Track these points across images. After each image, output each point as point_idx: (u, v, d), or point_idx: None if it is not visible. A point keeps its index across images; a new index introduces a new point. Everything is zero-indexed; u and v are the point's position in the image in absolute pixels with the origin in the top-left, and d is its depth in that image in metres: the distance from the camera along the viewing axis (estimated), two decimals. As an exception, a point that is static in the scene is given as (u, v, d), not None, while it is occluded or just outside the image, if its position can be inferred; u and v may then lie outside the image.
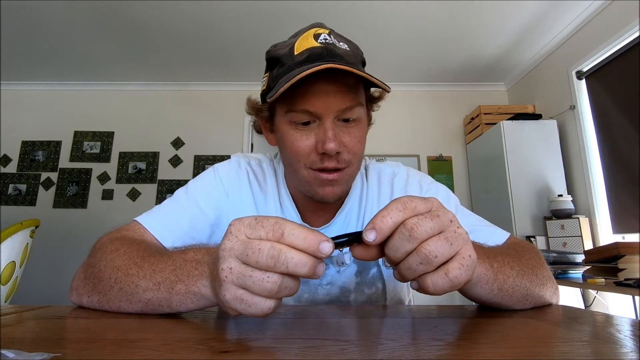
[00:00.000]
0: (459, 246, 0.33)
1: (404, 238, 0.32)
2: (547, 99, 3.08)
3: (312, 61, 0.52)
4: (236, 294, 0.31)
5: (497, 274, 0.44)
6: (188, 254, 0.42)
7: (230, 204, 0.66)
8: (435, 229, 0.32)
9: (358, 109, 0.56)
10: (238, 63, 3.31)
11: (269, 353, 0.29)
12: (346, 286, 0.65)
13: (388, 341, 0.33)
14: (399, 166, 0.73)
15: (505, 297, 0.46)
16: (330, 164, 0.55)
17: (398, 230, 0.33)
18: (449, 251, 0.33)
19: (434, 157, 3.60)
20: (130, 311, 0.44)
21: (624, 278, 1.57)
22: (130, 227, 0.58)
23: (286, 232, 0.30)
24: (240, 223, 0.33)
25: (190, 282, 0.39)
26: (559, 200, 2.57)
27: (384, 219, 0.32)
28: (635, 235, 2.19)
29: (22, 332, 0.35)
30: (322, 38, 0.54)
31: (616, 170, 2.40)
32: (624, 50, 2.31)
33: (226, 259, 0.32)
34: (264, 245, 0.30)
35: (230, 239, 0.32)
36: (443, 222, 0.33)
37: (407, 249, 0.32)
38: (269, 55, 0.59)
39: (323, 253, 0.30)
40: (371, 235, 0.32)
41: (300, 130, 0.55)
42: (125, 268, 0.44)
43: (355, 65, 0.54)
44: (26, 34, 2.87)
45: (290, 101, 0.54)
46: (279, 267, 0.30)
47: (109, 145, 3.63)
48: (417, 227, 0.32)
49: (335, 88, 0.52)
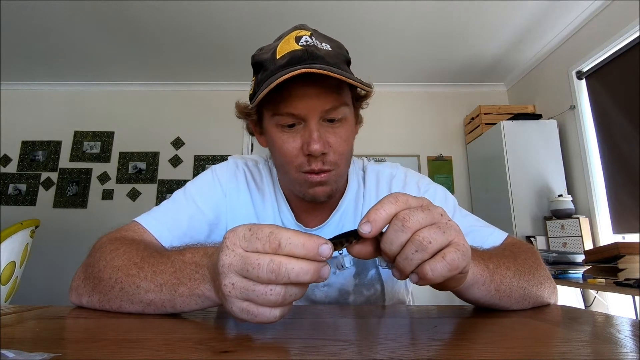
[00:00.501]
0: (452, 235, 0.34)
1: (398, 229, 0.33)
2: (547, 99, 3.08)
3: (292, 65, 0.52)
4: (241, 307, 0.31)
5: (493, 275, 0.44)
6: (186, 256, 0.41)
7: (228, 204, 0.67)
8: (427, 219, 0.33)
9: (343, 109, 0.56)
10: (238, 63, 3.31)
11: (268, 353, 0.29)
12: (345, 288, 0.65)
13: (388, 341, 0.33)
14: (397, 167, 0.73)
15: (503, 298, 0.46)
16: (316, 165, 0.56)
17: (392, 223, 0.33)
18: (442, 238, 0.33)
19: (434, 157, 3.59)
20: (131, 311, 0.44)
21: (624, 278, 1.57)
22: (130, 227, 0.59)
23: (283, 242, 0.30)
24: (235, 235, 0.32)
25: (193, 285, 0.39)
26: (559, 200, 2.57)
27: (377, 211, 0.33)
28: (635, 235, 2.19)
29: (22, 332, 0.35)
30: (304, 40, 0.55)
31: (616, 170, 2.40)
32: (624, 50, 2.31)
33: (227, 275, 0.32)
34: (263, 260, 0.30)
35: (227, 253, 0.32)
36: (434, 215, 0.34)
37: (402, 239, 0.33)
38: (254, 59, 0.60)
39: (323, 256, 0.30)
40: (366, 227, 0.33)
41: (287, 132, 0.56)
42: (125, 268, 0.45)
43: (337, 65, 0.55)
44: (26, 34, 2.87)
45: (274, 105, 0.55)
46: (281, 279, 0.30)
47: (109, 145, 3.63)
48: (410, 217, 0.33)
49: (317, 90, 0.53)
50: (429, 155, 3.60)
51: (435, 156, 3.60)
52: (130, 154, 3.60)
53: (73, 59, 3.27)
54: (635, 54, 2.22)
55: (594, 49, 2.51)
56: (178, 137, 3.65)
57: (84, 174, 3.55)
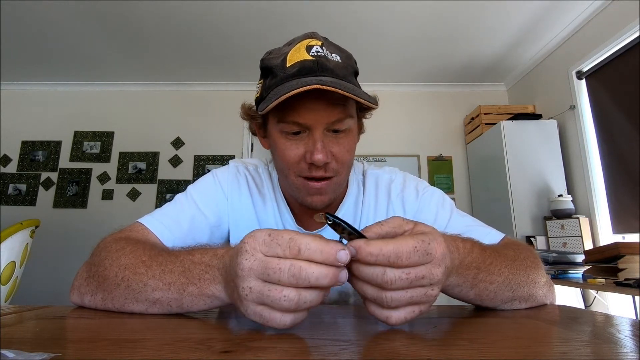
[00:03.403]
0: (419, 302, 0.35)
1: (375, 280, 0.34)
2: (547, 99, 3.08)
3: (302, 75, 0.53)
4: (255, 310, 0.33)
5: (478, 283, 0.44)
6: (195, 256, 0.42)
7: (230, 207, 0.68)
8: (411, 287, 0.34)
9: (347, 121, 0.57)
10: (238, 63, 3.31)
11: (269, 353, 0.29)
12: (345, 290, 0.65)
13: (388, 341, 0.33)
14: (396, 172, 0.75)
15: (486, 301, 0.47)
16: (317, 173, 0.57)
17: (375, 271, 0.34)
18: (405, 301, 0.34)
19: (434, 157, 3.59)
20: (134, 310, 0.44)
21: (624, 278, 1.57)
22: (133, 228, 0.59)
23: (302, 248, 0.32)
24: (255, 240, 0.33)
25: (203, 285, 0.40)
26: (559, 200, 2.57)
27: (369, 256, 0.33)
28: (635, 235, 2.19)
29: (22, 332, 0.35)
30: (314, 51, 0.56)
31: (616, 170, 2.40)
32: (624, 50, 2.31)
33: (245, 278, 0.33)
34: (284, 265, 0.31)
35: (247, 258, 0.33)
36: (422, 283, 0.34)
37: (374, 282, 0.34)
38: (263, 64, 0.60)
39: (342, 262, 0.32)
40: (343, 255, 0.32)
41: (291, 139, 0.57)
42: (132, 267, 0.45)
43: (345, 77, 0.56)
44: (26, 34, 2.87)
45: (281, 112, 0.55)
46: (302, 283, 0.31)
47: (109, 145, 3.63)
48: (393, 284, 0.33)
49: (325, 103, 0.54)
50: (429, 155, 3.60)
51: (435, 156, 3.60)
52: (130, 154, 3.60)
53: (73, 59, 3.27)
54: (635, 54, 2.22)
55: (594, 49, 2.51)
56: (178, 137, 3.65)
57: (84, 174, 3.55)
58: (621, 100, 2.33)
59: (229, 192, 0.68)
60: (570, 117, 2.78)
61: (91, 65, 3.38)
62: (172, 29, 2.82)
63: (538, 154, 2.82)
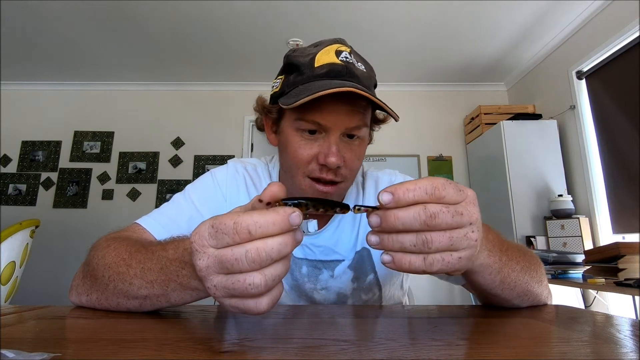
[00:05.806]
0: (459, 247, 0.33)
1: (417, 219, 0.32)
2: (547, 99, 3.08)
3: (331, 77, 0.55)
4: (230, 304, 0.31)
5: (502, 267, 0.44)
6: (169, 252, 0.41)
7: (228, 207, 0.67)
8: (451, 225, 0.32)
9: (364, 129, 0.59)
10: (238, 63, 3.30)
11: (269, 353, 0.29)
12: (342, 292, 0.65)
13: (388, 341, 0.33)
14: (396, 174, 0.76)
15: (506, 290, 0.46)
16: (328, 175, 0.57)
17: (416, 210, 0.32)
18: (445, 247, 0.33)
19: (434, 157, 3.59)
20: (130, 307, 0.44)
21: (624, 278, 1.57)
22: (130, 228, 0.60)
23: (252, 229, 0.29)
24: (200, 237, 0.31)
25: (183, 281, 0.39)
26: (559, 200, 2.57)
27: (407, 192, 0.32)
28: (635, 235, 2.19)
29: (22, 332, 0.35)
30: (343, 56, 0.57)
31: (616, 170, 2.39)
32: (624, 50, 2.31)
33: (207, 278, 0.31)
34: (239, 253, 0.29)
35: (200, 257, 0.31)
36: (462, 222, 0.33)
37: (413, 227, 0.32)
38: (288, 60, 0.60)
39: (294, 225, 0.30)
40: (386, 198, 0.32)
41: (306, 138, 0.57)
42: (115, 266, 0.45)
43: (369, 87, 0.57)
44: (26, 34, 2.87)
45: (302, 110, 0.55)
46: (265, 263, 0.29)
47: (109, 145, 3.63)
48: (436, 218, 0.32)
49: (349, 108, 0.55)
50: (429, 155, 3.60)
51: (435, 156, 3.60)
52: (130, 154, 3.60)
53: (73, 59, 3.27)
54: (635, 54, 2.22)
55: (594, 49, 2.51)
56: (178, 137, 3.65)
57: (84, 174, 3.55)
58: (621, 100, 2.33)
59: (227, 192, 0.68)
60: (570, 117, 2.78)
61: (91, 65, 3.37)
62: (173, 29, 2.82)
63: (538, 154, 2.82)
